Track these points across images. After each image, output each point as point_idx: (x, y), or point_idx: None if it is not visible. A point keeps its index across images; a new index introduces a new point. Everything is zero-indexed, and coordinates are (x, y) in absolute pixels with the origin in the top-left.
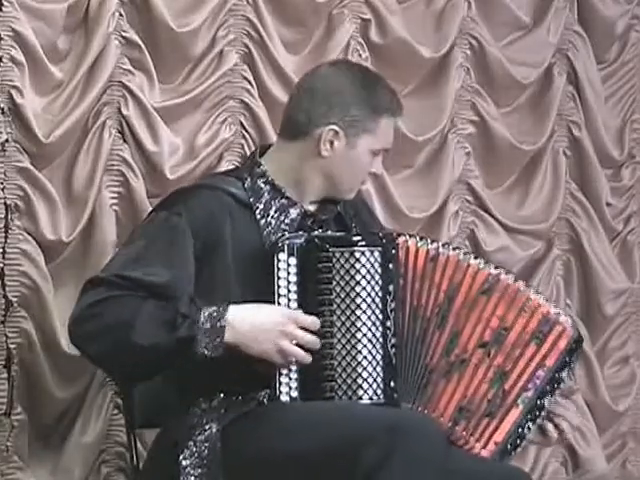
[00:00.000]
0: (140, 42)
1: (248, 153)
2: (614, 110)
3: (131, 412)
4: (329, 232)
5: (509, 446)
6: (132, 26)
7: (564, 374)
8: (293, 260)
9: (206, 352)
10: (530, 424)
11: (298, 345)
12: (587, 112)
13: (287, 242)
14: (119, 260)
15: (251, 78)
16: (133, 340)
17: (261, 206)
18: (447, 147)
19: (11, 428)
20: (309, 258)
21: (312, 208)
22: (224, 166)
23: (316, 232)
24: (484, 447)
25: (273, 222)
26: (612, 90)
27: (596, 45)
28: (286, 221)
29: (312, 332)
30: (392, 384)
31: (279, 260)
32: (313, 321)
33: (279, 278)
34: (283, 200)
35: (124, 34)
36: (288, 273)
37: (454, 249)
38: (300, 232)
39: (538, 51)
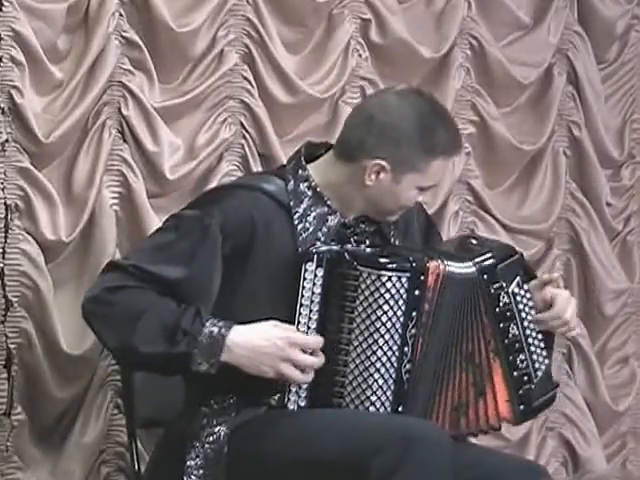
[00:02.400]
0: (140, 42)
1: (248, 153)
2: (614, 110)
3: (131, 412)
4: (363, 247)
5: (522, 391)
6: (132, 26)
7: (510, 289)
8: (320, 271)
9: (201, 369)
10: (521, 356)
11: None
12: (587, 112)
13: (317, 252)
14: (144, 249)
15: (251, 78)
16: (134, 343)
17: (300, 210)
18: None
19: (11, 428)
20: (336, 272)
21: (352, 218)
22: (224, 166)
23: (349, 246)
24: (502, 419)
25: (311, 228)
26: (612, 90)
27: (596, 45)
28: (323, 229)
29: (316, 349)
30: (400, 409)
31: (306, 270)
32: (315, 341)
33: (304, 288)
34: (324, 207)
35: (124, 34)
36: (314, 284)
37: None
38: (333, 243)
39: (538, 51)
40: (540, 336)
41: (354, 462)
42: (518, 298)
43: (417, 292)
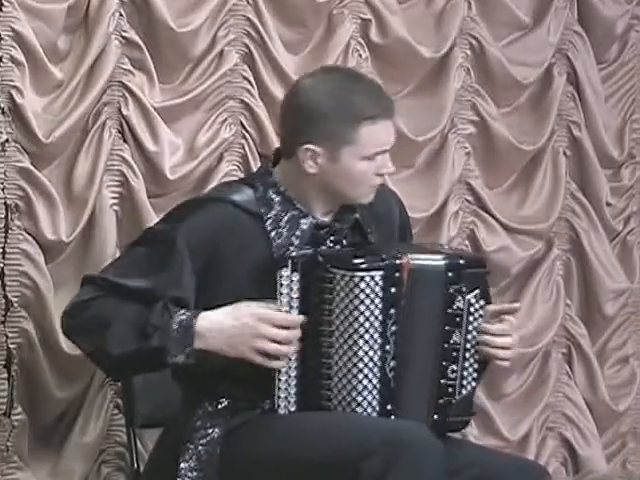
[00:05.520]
0: (140, 42)
1: (248, 153)
2: (614, 110)
3: (131, 412)
4: (338, 247)
5: (443, 400)
6: (132, 26)
7: (467, 297)
8: (296, 276)
9: (177, 360)
10: (454, 366)
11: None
12: (587, 112)
13: (291, 257)
14: (116, 263)
15: (251, 78)
16: (106, 348)
17: (272, 217)
18: (447, 147)
19: (11, 428)
20: (312, 276)
21: (327, 218)
22: (224, 166)
23: (324, 248)
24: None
25: (285, 233)
26: (612, 90)
27: (596, 45)
28: (297, 233)
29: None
30: (389, 407)
31: (282, 276)
32: (284, 317)
33: (282, 294)
34: (294, 211)
35: (124, 34)
36: (291, 289)
37: None
38: (307, 247)
39: (538, 51)
40: (477, 357)
41: (344, 466)
42: (472, 309)
43: (393, 289)
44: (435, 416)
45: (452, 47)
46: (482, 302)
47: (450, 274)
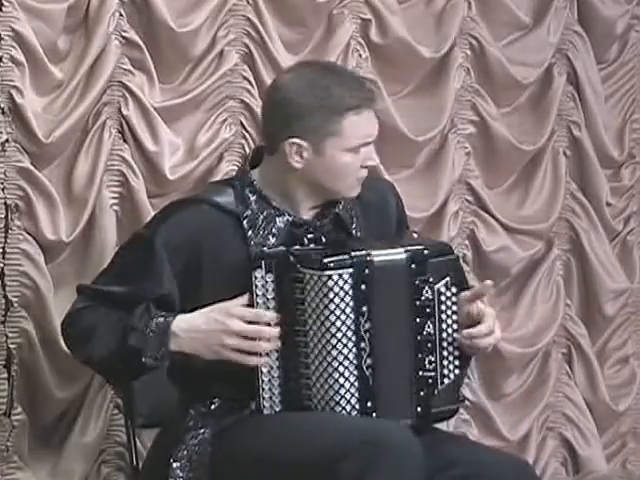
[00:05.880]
0: (140, 42)
1: (249, 153)
2: (614, 110)
3: (131, 412)
4: (312, 246)
5: (424, 393)
6: (132, 26)
7: (436, 287)
8: (270, 276)
9: (152, 362)
10: (431, 357)
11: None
12: (587, 112)
13: (263, 257)
14: (104, 270)
15: (251, 78)
16: (90, 352)
17: (249, 216)
18: (447, 147)
19: (11, 428)
20: (284, 276)
21: (308, 216)
22: (224, 166)
23: (297, 246)
24: None
25: (261, 232)
26: (612, 90)
27: (596, 45)
28: (273, 231)
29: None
30: (369, 404)
31: (256, 277)
32: (251, 312)
33: (257, 295)
34: (270, 210)
35: (124, 34)
36: (266, 290)
37: None
38: (281, 246)
39: (538, 51)
40: (456, 344)
41: (323, 466)
42: (442, 298)
43: (364, 287)
44: (418, 409)
45: (452, 47)
46: (454, 289)
47: (413, 266)
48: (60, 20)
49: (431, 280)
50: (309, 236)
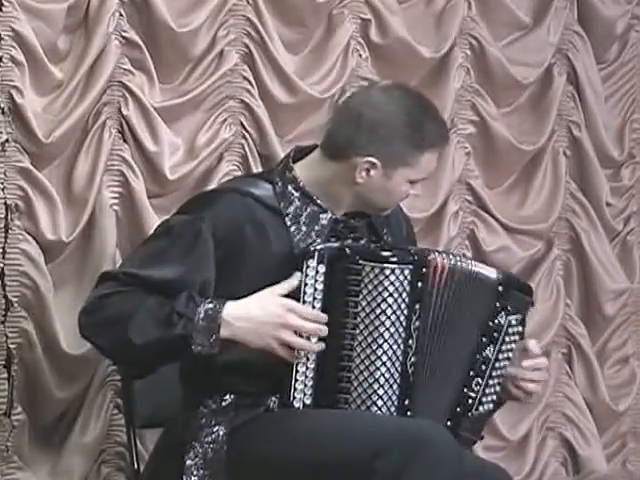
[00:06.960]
0: (140, 42)
1: (248, 153)
2: (614, 110)
3: (131, 412)
4: (362, 242)
5: (459, 409)
6: (132, 26)
7: (510, 317)
8: (322, 268)
9: (202, 349)
10: (479, 380)
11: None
12: (587, 112)
13: (318, 249)
14: (137, 256)
15: (251, 78)
16: (128, 337)
17: (291, 212)
18: (447, 147)
19: (11, 428)
20: (338, 268)
21: (341, 214)
22: (224, 166)
23: (349, 242)
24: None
25: (304, 229)
26: (612, 90)
27: (596, 45)
28: (316, 228)
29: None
30: (407, 402)
31: (308, 266)
32: (312, 312)
33: (306, 284)
34: (314, 207)
35: (124, 34)
36: (316, 280)
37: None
38: (333, 240)
39: (538, 51)
40: (501, 380)
41: (357, 465)
42: (510, 331)
43: (420, 284)
44: (449, 422)
45: (452, 47)
46: (520, 329)
47: (501, 288)
48: (60, 20)
49: (509, 309)
50: (351, 235)
